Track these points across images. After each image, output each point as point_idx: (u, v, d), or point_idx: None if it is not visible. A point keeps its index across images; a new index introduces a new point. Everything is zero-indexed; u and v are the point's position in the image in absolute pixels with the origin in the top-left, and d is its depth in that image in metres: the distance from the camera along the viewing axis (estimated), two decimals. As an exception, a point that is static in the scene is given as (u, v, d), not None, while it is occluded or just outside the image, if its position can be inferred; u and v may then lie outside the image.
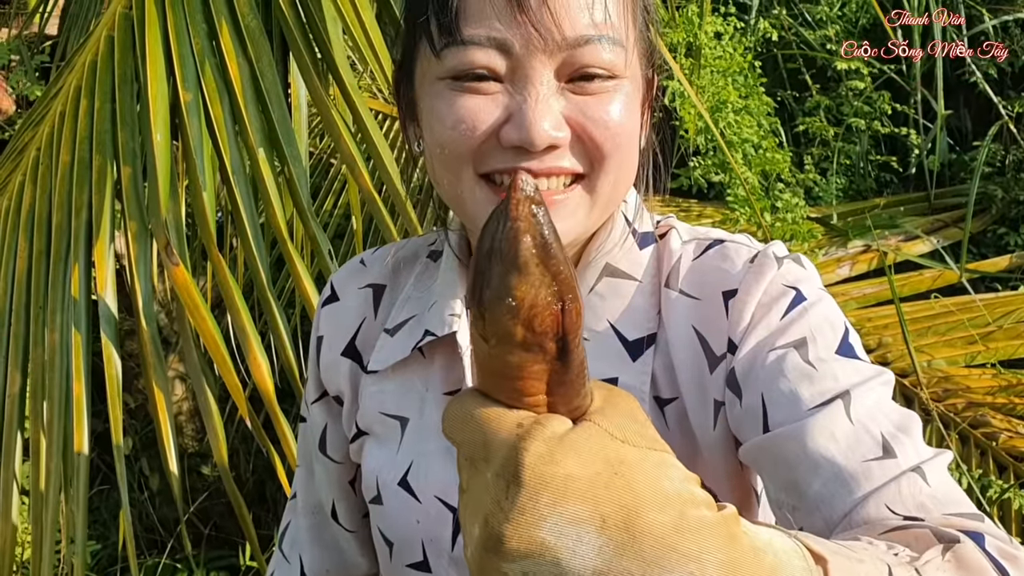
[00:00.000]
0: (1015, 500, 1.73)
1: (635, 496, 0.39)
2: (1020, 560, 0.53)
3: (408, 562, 0.77)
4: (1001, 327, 1.93)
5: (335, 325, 0.85)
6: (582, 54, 0.65)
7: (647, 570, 0.38)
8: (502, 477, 0.39)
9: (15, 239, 1.39)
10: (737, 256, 0.72)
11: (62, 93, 1.45)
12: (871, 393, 0.63)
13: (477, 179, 0.69)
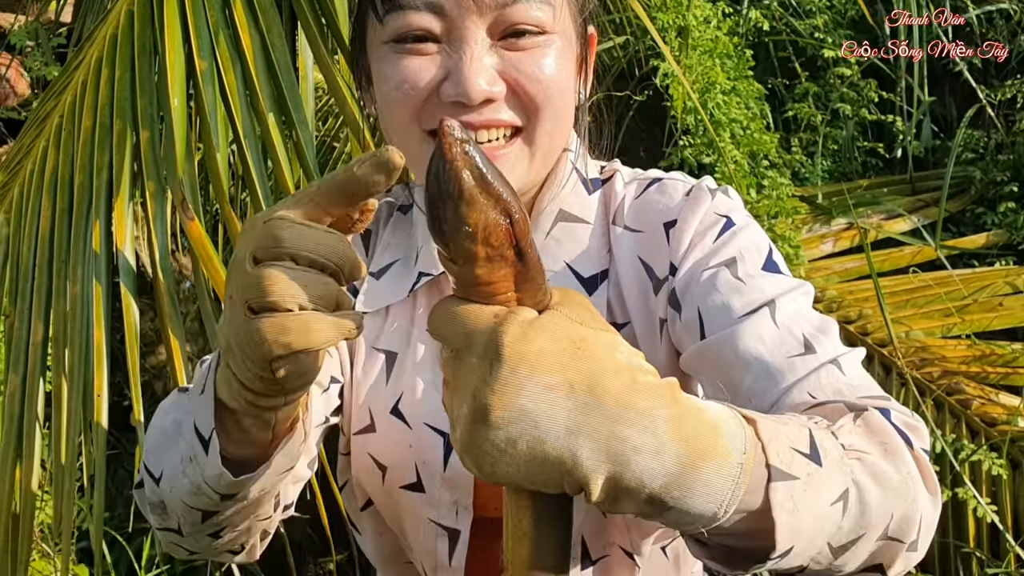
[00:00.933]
0: (985, 462, 1.82)
1: (595, 365, 0.47)
2: (920, 430, 0.62)
3: (402, 484, 0.85)
4: (976, 300, 2.02)
5: None
6: (511, 12, 0.72)
7: (610, 426, 0.46)
8: (485, 358, 0.46)
9: (39, 199, 1.48)
10: (675, 191, 0.81)
11: (83, 64, 1.54)
12: (793, 302, 0.72)
13: (424, 135, 0.76)
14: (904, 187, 2.32)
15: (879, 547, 0.58)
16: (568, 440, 0.45)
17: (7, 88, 2.88)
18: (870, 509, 0.56)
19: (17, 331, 1.44)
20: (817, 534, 0.54)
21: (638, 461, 0.46)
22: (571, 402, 0.45)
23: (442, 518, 0.84)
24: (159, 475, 0.70)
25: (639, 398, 0.46)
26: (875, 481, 0.56)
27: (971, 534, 1.84)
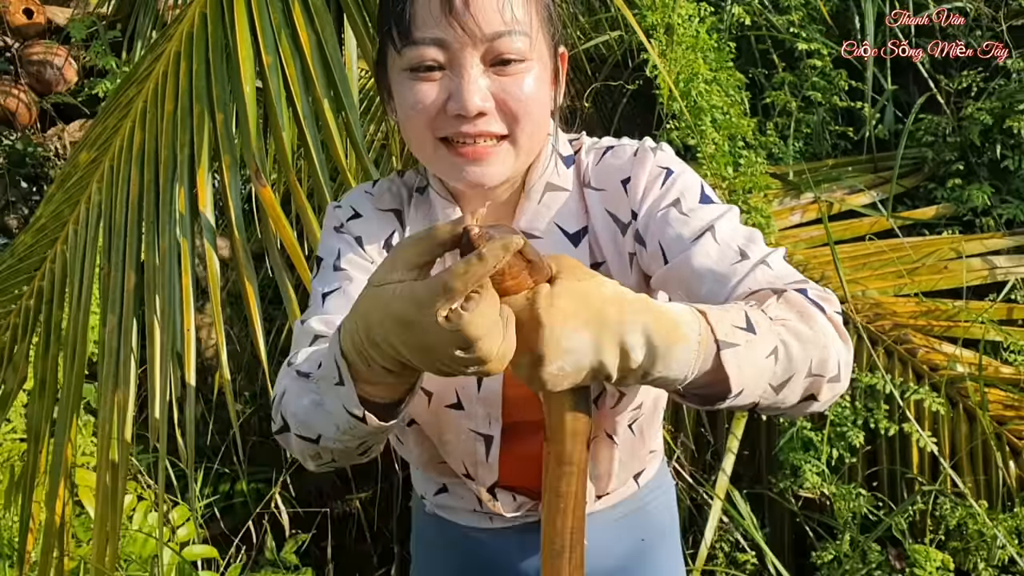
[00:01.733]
0: (927, 401, 2.11)
1: (597, 303, 0.71)
2: (831, 300, 0.88)
3: (445, 404, 1.08)
4: (924, 264, 2.31)
5: (369, 232, 1.09)
6: (498, 44, 0.91)
7: (616, 337, 0.70)
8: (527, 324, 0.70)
9: (128, 171, 1.77)
10: (624, 153, 1.04)
11: (163, 57, 1.83)
12: (727, 223, 0.97)
13: (436, 142, 0.96)
14: (867, 166, 2.60)
15: (808, 383, 0.81)
16: (594, 355, 0.70)
17: (58, 75, 3.15)
18: (794, 357, 0.79)
19: (113, 280, 1.73)
20: (759, 380, 0.77)
21: (635, 354, 0.71)
22: (589, 331, 0.70)
23: (478, 427, 1.07)
24: (316, 437, 0.87)
25: (628, 314, 0.71)
26: (795, 337, 0.80)
27: (915, 462, 2.13)
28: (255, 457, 3.05)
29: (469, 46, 0.91)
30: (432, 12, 0.90)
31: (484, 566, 1.19)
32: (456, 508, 1.19)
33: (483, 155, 0.95)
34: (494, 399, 1.05)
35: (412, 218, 1.10)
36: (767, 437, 2.26)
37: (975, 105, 2.45)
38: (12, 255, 2.00)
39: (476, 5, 0.90)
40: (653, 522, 1.23)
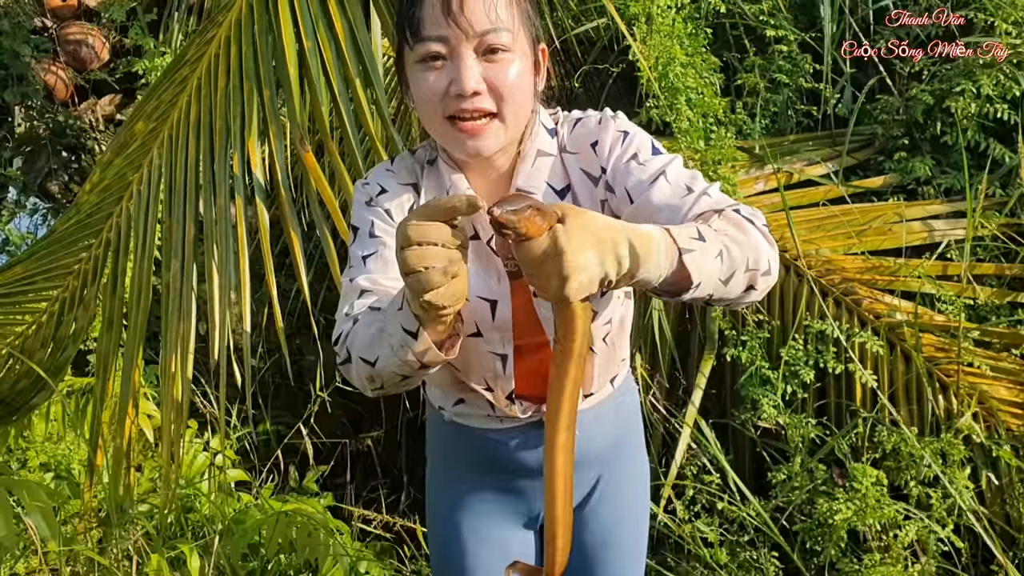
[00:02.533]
0: (869, 344, 2.44)
1: (596, 230, 1.00)
2: (759, 216, 1.18)
3: (468, 334, 1.35)
4: (871, 227, 2.64)
5: (394, 204, 1.33)
6: (488, 38, 1.17)
7: (614, 252, 0.98)
8: (557, 256, 0.98)
9: (186, 138, 2.07)
10: (590, 123, 1.32)
11: (214, 41, 2.13)
12: (674, 167, 1.25)
13: (443, 120, 1.21)
14: (825, 141, 2.92)
15: (747, 276, 1.09)
16: (600, 267, 0.98)
17: (92, 53, 3.44)
18: (735, 257, 1.07)
19: (174, 232, 2.04)
20: (711, 275, 1.05)
21: (625, 262, 1.00)
22: (595, 251, 0.98)
23: (495, 348, 1.35)
24: (374, 360, 1.14)
25: (617, 235, 1.01)
26: (734, 243, 1.10)
27: (858, 397, 2.46)
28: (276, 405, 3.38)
29: (464, 41, 1.18)
30: (435, 15, 1.17)
31: (496, 457, 1.48)
32: (472, 415, 1.46)
33: (479, 130, 1.22)
34: (506, 325, 1.34)
35: (426, 186, 1.37)
36: (731, 376, 2.59)
37: (919, 87, 2.77)
38: (78, 212, 2.30)
39: (469, 8, 1.16)
40: (626, 416, 1.56)
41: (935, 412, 2.40)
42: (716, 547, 2.28)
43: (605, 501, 1.52)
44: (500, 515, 1.51)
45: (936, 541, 2.22)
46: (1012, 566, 2.18)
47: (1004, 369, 2.44)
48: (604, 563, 1.55)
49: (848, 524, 2.22)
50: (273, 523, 2.10)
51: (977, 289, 2.54)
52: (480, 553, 1.52)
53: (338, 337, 1.24)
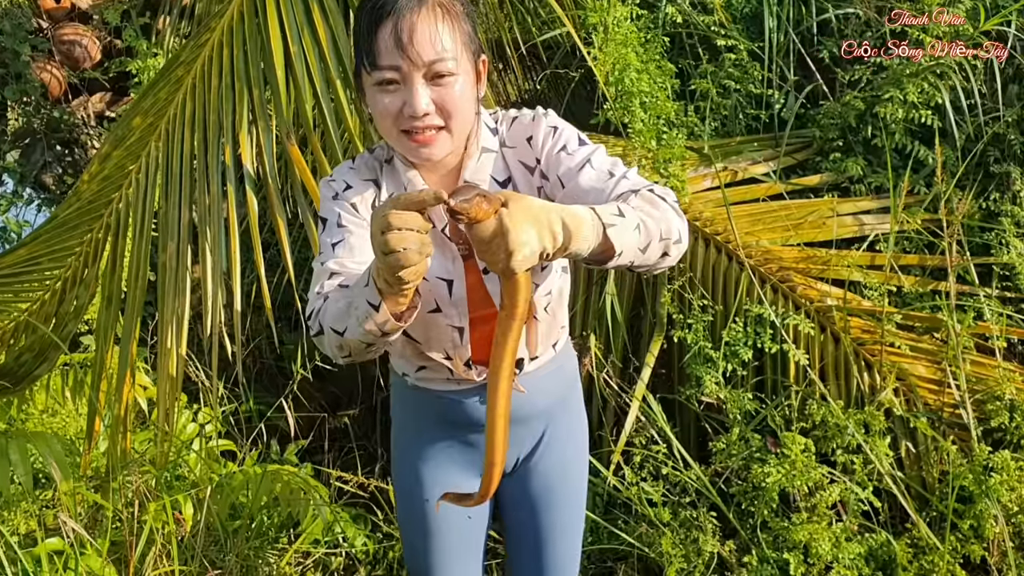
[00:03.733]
0: (802, 326, 2.69)
1: (535, 211, 1.21)
2: (670, 194, 1.42)
3: (428, 310, 1.57)
4: (807, 220, 2.89)
5: (359, 198, 1.52)
6: (435, 67, 1.36)
7: (550, 229, 1.19)
8: (504, 235, 1.18)
9: (182, 132, 2.29)
10: (525, 120, 1.53)
11: (207, 45, 2.34)
12: (598, 156, 1.48)
13: (399, 132, 1.40)
14: (770, 142, 3.18)
15: (661, 245, 1.31)
16: (539, 242, 1.18)
17: (84, 53, 3.63)
18: (650, 229, 1.28)
19: (170, 217, 2.26)
20: (631, 246, 1.25)
21: (559, 236, 1.20)
22: (535, 229, 1.18)
23: (453, 322, 1.57)
24: (343, 330, 1.33)
25: (552, 213, 1.22)
26: (649, 216, 1.33)
27: (792, 374, 2.70)
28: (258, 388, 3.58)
29: (415, 69, 1.36)
30: (389, 46, 1.35)
31: (454, 414, 1.70)
32: (433, 379, 1.68)
33: (429, 141, 1.41)
34: (461, 301, 1.57)
35: (386, 182, 1.58)
36: (678, 356, 2.84)
37: (851, 94, 3.03)
38: (79, 199, 2.51)
39: (417, 41, 1.34)
40: (567, 377, 1.78)
41: (860, 388, 2.65)
42: (660, 507, 2.52)
43: (550, 450, 1.75)
44: (456, 464, 1.73)
45: (857, 501, 2.47)
46: (924, 523, 2.43)
47: (923, 349, 2.70)
48: (550, 504, 1.78)
49: (779, 486, 2.46)
50: (257, 482, 2.31)
51: (902, 278, 2.81)
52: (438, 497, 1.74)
53: (311, 312, 1.44)
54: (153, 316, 3.08)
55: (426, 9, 1.36)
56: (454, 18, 1.40)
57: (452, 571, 1.77)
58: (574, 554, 1.86)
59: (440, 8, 1.38)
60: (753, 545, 2.48)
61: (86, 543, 1.86)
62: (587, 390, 2.57)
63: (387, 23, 1.35)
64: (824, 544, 2.39)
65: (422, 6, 1.36)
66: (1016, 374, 2.63)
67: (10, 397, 2.55)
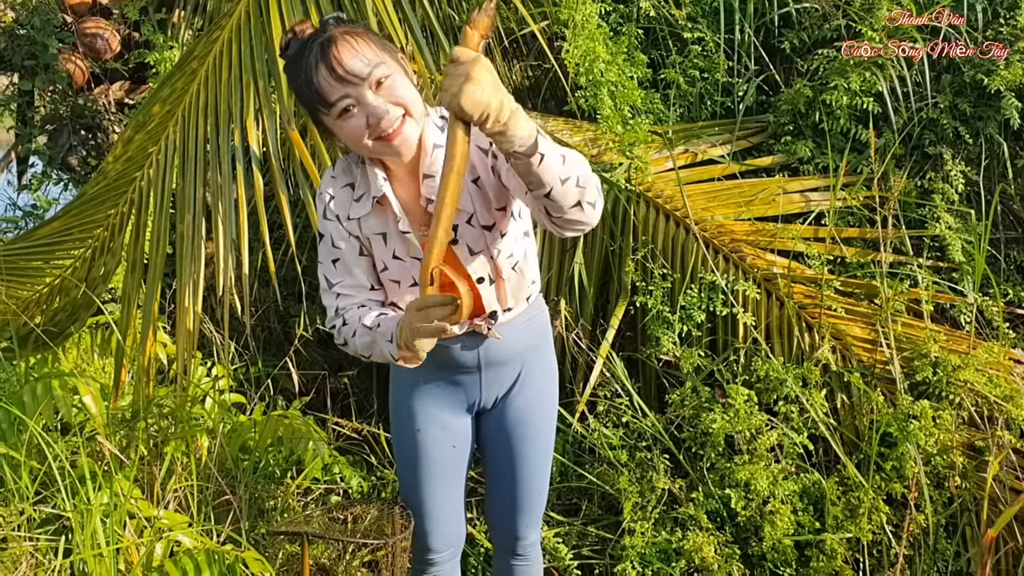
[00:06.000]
0: (750, 292, 3.01)
1: (499, 82, 1.46)
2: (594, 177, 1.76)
3: (408, 284, 1.88)
4: (757, 198, 3.21)
5: (342, 207, 1.83)
6: (372, 76, 1.60)
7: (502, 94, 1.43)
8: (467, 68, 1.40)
9: (196, 118, 2.62)
10: None
11: (218, 41, 2.67)
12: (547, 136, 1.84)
13: (375, 141, 1.65)
14: (730, 127, 3.49)
15: (578, 191, 1.54)
16: (490, 98, 1.37)
17: (106, 45, 3.96)
18: (571, 167, 1.52)
19: (187, 193, 2.59)
20: (554, 166, 1.50)
21: (506, 108, 1.39)
22: (493, 88, 1.38)
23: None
24: (369, 355, 1.78)
25: (510, 96, 1.47)
26: (573, 161, 1.53)
27: (741, 334, 3.02)
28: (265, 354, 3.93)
29: (361, 87, 1.60)
30: (331, 84, 1.60)
31: (442, 358, 1.98)
32: None
33: (399, 132, 1.65)
34: None
35: (359, 183, 1.83)
36: (640, 319, 3.16)
37: (801, 82, 3.34)
38: (105, 178, 2.84)
39: (348, 66, 1.59)
40: (539, 326, 2.09)
41: (801, 346, 2.97)
42: (618, 449, 2.85)
43: (524, 389, 2.07)
44: (445, 401, 2.06)
45: (792, 445, 2.79)
46: (852, 464, 2.75)
47: (859, 312, 3.01)
48: (523, 437, 2.10)
49: (724, 432, 2.78)
50: (263, 424, 2.65)
51: (843, 249, 3.12)
52: (430, 429, 2.07)
53: (332, 327, 1.86)
54: (170, 286, 3.43)
55: (340, 42, 1.61)
56: (363, 37, 1.65)
57: (437, 490, 2.10)
58: (542, 487, 2.19)
59: (349, 36, 1.63)
60: (701, 483, 2.81)
61: (115, 470, 2.20)
62: (559, 350, 2.89)
63: (320, 68, 1.60)
64: (762, 482, 2.71)
65: (335, 42, 1.61)
66: (941, 334, 2.94)
67: (45, 353, 2.89)
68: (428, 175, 1.79)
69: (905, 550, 2.61)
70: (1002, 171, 3.27)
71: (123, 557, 1.98)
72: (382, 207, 1.81)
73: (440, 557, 2.15)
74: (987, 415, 2.71)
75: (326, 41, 1.61)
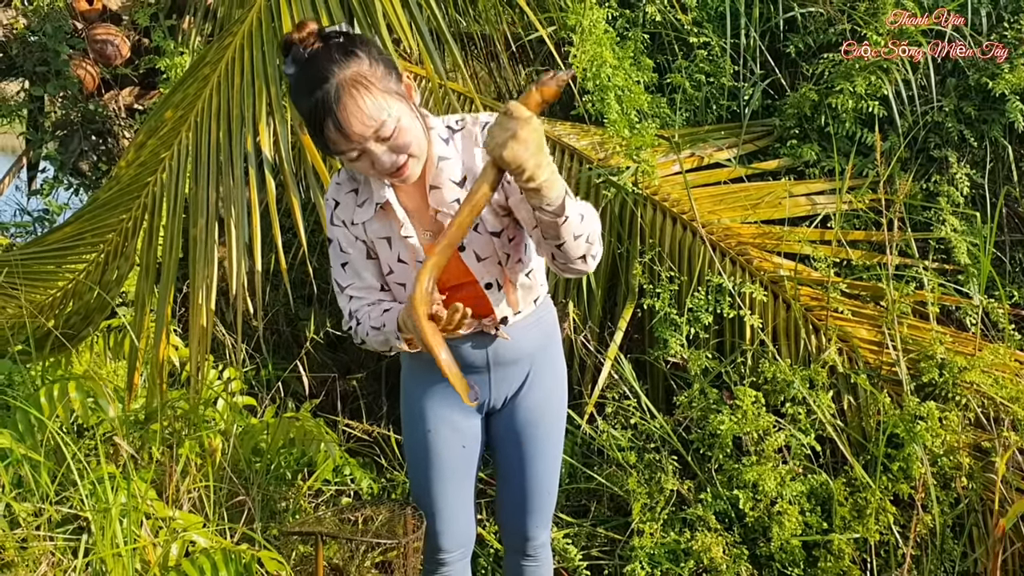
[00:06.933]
0: (757, 294, 3.03)
1: (544, 144, 1.56)
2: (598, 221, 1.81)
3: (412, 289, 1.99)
4: (764, 201, 3.23)
5: (347, 214, 1.88)
6: (379, 134, 1.65)
7: (545, 156, 1.55)
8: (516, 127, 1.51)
9: (209, 123, 2.64)
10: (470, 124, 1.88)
11: (231, 47, 2.70)
12: None
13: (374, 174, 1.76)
14: (736, 131, 3.52)
15: (586, 247, 1.70)
16: (530, 159, 1.49)
17: (116, 51, 3.99)
18: (586, 225, 1.67)
19: (200, 197, 2.61)
20: (573, 224, 1.63)
21: (544, 173, 1.54)
22: (536, 149, 1.50)
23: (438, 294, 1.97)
24: (388, 350, 1.87)
25: (549, 159, 1.56)
26: (591, 219, 1.70)
27: (747, 337, 3.05)
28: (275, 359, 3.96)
29: (367, 142, 1.66)
30: (338, 139, 1.66)
31: None
32: None
33: (404, 172, 1.73)
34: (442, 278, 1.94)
35: (362, 189, 1.88)
36: (648, 321, 3.18)
37: (807, 86, 3.37)
38: (118, 183, 2.87)
39: (355, 128, 1.63)
40: (547, 327, 2.12)
41: (807, 348, 2.99)
42: (627, 451, 2.88)
43: (533, 389, 2.10)
44: (455, 402, 2.08)
45: (800, 447, 2.81)
46: (859, 465, 2.77)
47: (865, 315, 3.04)
48: (533, 437, 2.13)
49: (732, 433, 2.81)
50: (276, 426, 2.68)
51: (849, 251, 3.14)
52: (439, 429, 2.10)
53: (349, 329, 1.94)
54: (180, 290, 3.46)
55: (345, 98, 1.62)
56: (368, 85, 1.65)
57: (448, 490, 2.12)
58: (552, 487, 2.21)
59: (354, 88, 1.63)
60: (709, 484, 2.83)
61: (131, 471, 2.22)
62: (567, 352, 2.91)
63: (327, 122, 1.63)
64: (770, 483, 2.73)
65: (341, 97, 1.62)
66: (947, 336, 2.96)
67: (59, 356, 2.92)
68: (434, 186, 1.84)
69: (912, 550, 2.63)
70: (1007, 174, 3.30)
71: (139, 556, 2.00)
72: (385, 212, 1.86)
73: (451, 557, 2.17)
74: (993, 416, 2.73)
75: (333, 95, 1.62)
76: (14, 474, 2.07)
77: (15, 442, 1.97)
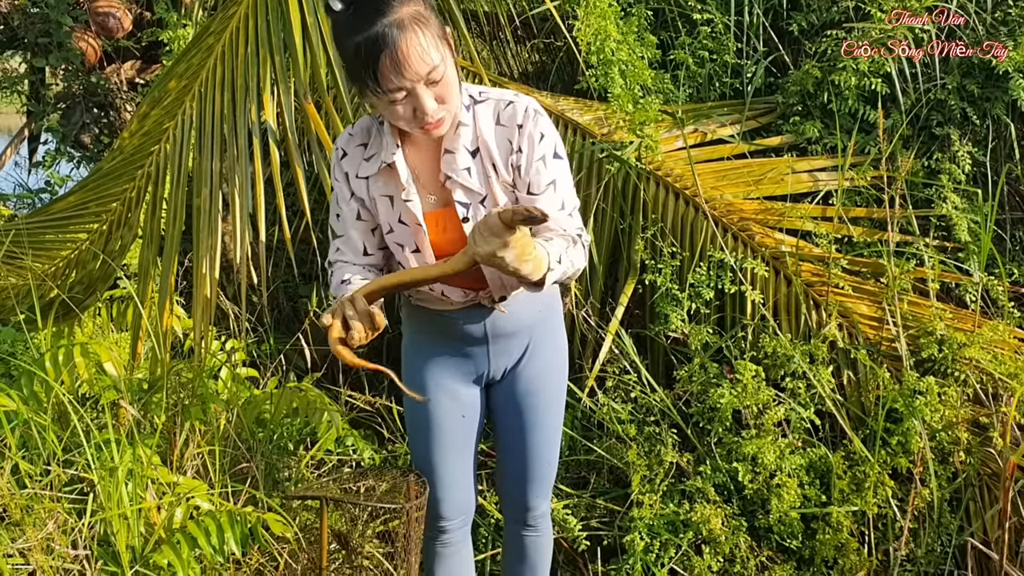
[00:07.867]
0: (758, 269, 3.04)
1: (531, 250, 1.61)
2: (587, 237, 1.85)
3: (411, 250, 1.95)
4: (766, 177, 3.23)
5: (352, 166, 1.89)
6: (429, 77, 1.64)
7: (525, 258, 1.60)
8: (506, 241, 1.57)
9: (213, 93, 2.64)
10: (520, 107, 1.82)
11: (235, 16, 2.69)
12: (562, 180, 1.88)
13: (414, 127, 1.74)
14: (739, 107, 3.52)
15: (567, 280, 1.78)
16: (515, 262, 1.55)
17: (118, 24, 3.98)
18: (566, 270, 1.73)
19: (204, 167, 2.62)
20: (551, 282, 1.68)
21: (528, 270, 1.59)
22: (521, 256, 1.56)
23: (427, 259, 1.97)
24: (337, 296, 1.85)
25: (534, 265, 1.60)
26: (571, 264, 1.74)
27: (748, 312, 3.06)
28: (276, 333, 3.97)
29: (416, 82, 1.64)
30: (391, 74, 1.61)
31: (450, 329, 2.06)
32: (428, 299, 2.06)
33: (439, 125, 1.73)
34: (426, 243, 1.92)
35: (372, 143, 1.90)
36: (649, 296, 3.19)
37: (810, 63, 3.36)
38: (121, 153, 2.87)
39: (412, 64, 1.60)
40: (546, 299, 2.12)
41: (808, 323, 3.00)
42: (627, 423, 2.89)
43: (533, 360, 2.12)
44: (454, 371, 2.10)
45: (799, 420, 2.83)
46: (858, 439, 2.79)
47: (866, 291, 3.05)
48: (533, 408, 2.15)
49: (732, 407, 2.82)
50: (279, 396, 2.69)
51: (850, 228, 3.15)
52: (440, 399, 2.11)
53: (328, 267, 2.00)
54: (182, 263, 3.46)
55: (408, 32, 1.59)
56: (427, 26, 1.64)
57: (448, 459, 2.14)
58: (552, 458, 2.23)
59: (415, 24, 1.61)
60: (708, 457, 2.85)
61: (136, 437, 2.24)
62: (569, 327, 2.93)
63: (383, 56, 1.58)
64: (769, 456, 2.75)
65: (404, 31, 1.59)
66: (947, 313, 2.97)
67: (62, 325, 2.93)
68: (449, 150, 1.83)
69: (910, 523, 2.65)
70: (1009, 152, 3.30)
71: (143, 519, 2.02)
72: (391, 171, 1.86)
73: (451, 524, 2.19)
74: (992, 392, 2.75)
75: (395, 29, 1.59)
76: (20, 437, 2.09)
77: (21, 403, 1.98)
